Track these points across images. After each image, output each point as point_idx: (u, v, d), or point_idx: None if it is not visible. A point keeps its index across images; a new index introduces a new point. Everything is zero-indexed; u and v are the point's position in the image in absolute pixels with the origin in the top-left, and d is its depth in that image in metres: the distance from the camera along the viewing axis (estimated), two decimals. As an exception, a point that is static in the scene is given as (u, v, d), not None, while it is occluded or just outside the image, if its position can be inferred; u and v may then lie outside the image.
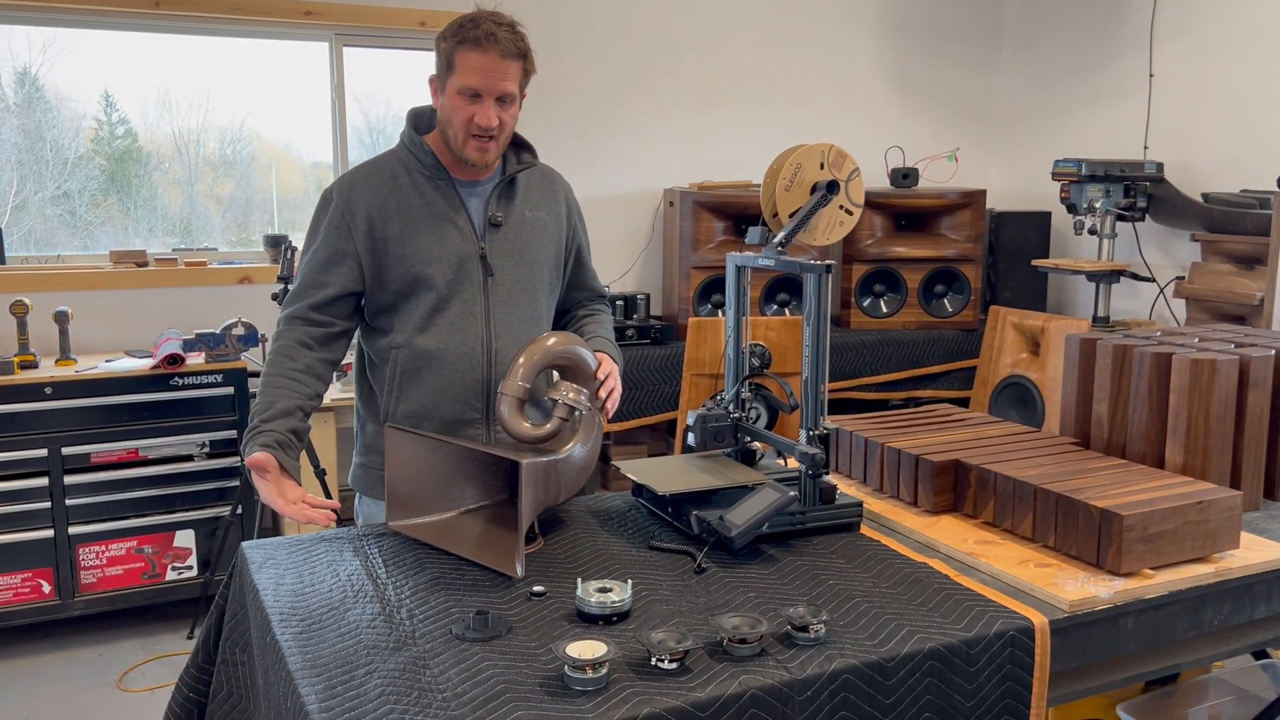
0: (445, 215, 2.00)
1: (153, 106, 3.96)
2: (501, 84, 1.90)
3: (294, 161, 4.22)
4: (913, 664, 1.40)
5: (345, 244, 1.97)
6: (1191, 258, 4.11)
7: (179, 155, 4.04)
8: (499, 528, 1.78)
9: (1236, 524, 1.70)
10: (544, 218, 2.09)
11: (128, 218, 3.99)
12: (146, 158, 4.00)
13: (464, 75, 1.89)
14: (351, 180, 2.01)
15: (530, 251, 2.06)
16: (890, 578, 1.63)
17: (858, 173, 1.98)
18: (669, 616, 1.49)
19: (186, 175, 4.07)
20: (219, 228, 4.13)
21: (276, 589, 1.61)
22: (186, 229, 4.08)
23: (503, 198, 2.05)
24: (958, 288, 4.45)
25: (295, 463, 1.87)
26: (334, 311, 1.98)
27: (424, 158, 2.01)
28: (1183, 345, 2.04)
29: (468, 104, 1.90)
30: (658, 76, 4.51)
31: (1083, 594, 1.55)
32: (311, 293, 1.97)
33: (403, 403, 2.01)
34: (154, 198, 4.03)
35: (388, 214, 1.98)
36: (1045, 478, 1.78)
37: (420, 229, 1.98)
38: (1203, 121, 4.18)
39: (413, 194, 1.99)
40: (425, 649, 1.39)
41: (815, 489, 1.81)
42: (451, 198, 2.01)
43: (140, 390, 3.37)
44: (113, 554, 3.38)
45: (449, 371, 1.96)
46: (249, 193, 4.17)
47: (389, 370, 2.01)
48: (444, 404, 1.99)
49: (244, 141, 4.12)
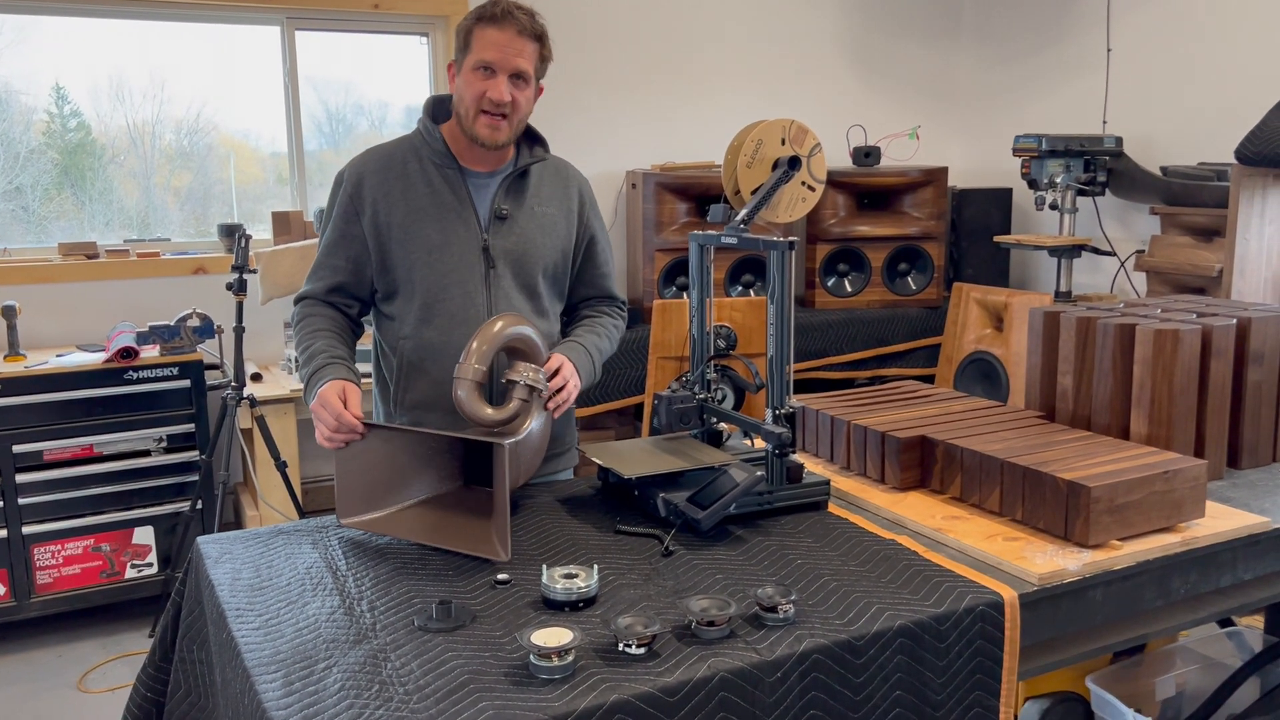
0: (450, 205, 1.98)
1: (105, 98, 3.87)
2: (516, 60, 1.90)
3: (252, 152, 4.15)
4: (883, 642, 1.38)
5: (353, 227, 1.99)
6: (1151, 231, 4.13)
7: (134, 147, 3.95)
8: (462, 515, 1.75)
9: (1201, 493, 1.70)
10: (553, 213, 2.07)
11: (82, 212, 3.90)
12: (100, 150, 3.91)
13: (480, 50, 1.89)
14: (363, 162, 2.01)
15: (535, 246, 2.03)
16: (859, 555, 1.62)
17: (819, 148, 1.95)
18: (636, 601, 1.46)
19: (142, 168, 3.98)
20: (177, 220, 4.05)
21: (233, 584, 1.56)
22: (144, 222, 3.99)
23: (512, 190, 2.03)
24: (921, 265, 4.46)
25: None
26: (346, 293, 2.02)
27: (435, 144, 1.99)
28: (1145, 316, 2.04)
29: (482, 79, 1.90)
30: (617, 57, 4.46)
31: (1051, 566, 1.54)
32: (323, 276, 2.01)
33: (410, 393, 2.02)
34: (109, 191, 3.94)
35: (393, 199, 1.97)
36: (1011, 451, 1.77)
37: (424, 217, 1.97)
38: (1160, 95, 4.20)
39: (420, 181, 1.98)
40: (386, 641, 1.36)
41: (782, 468, 1.79)
42: (459, 188, 1.99)
43: (93, 385, 3.29)
44: (69, 553, 3.31)
45: (452, 363, 1.91)
46: (207, 184, 4.08)
47: (397, 361, 2.02)
48: (448, 395, 1.95)
49: (201, 132, 4.04)
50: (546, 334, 2.02)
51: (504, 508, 1.60)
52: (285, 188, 4.18)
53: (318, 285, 2.03)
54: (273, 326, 3.93)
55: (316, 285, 2.03)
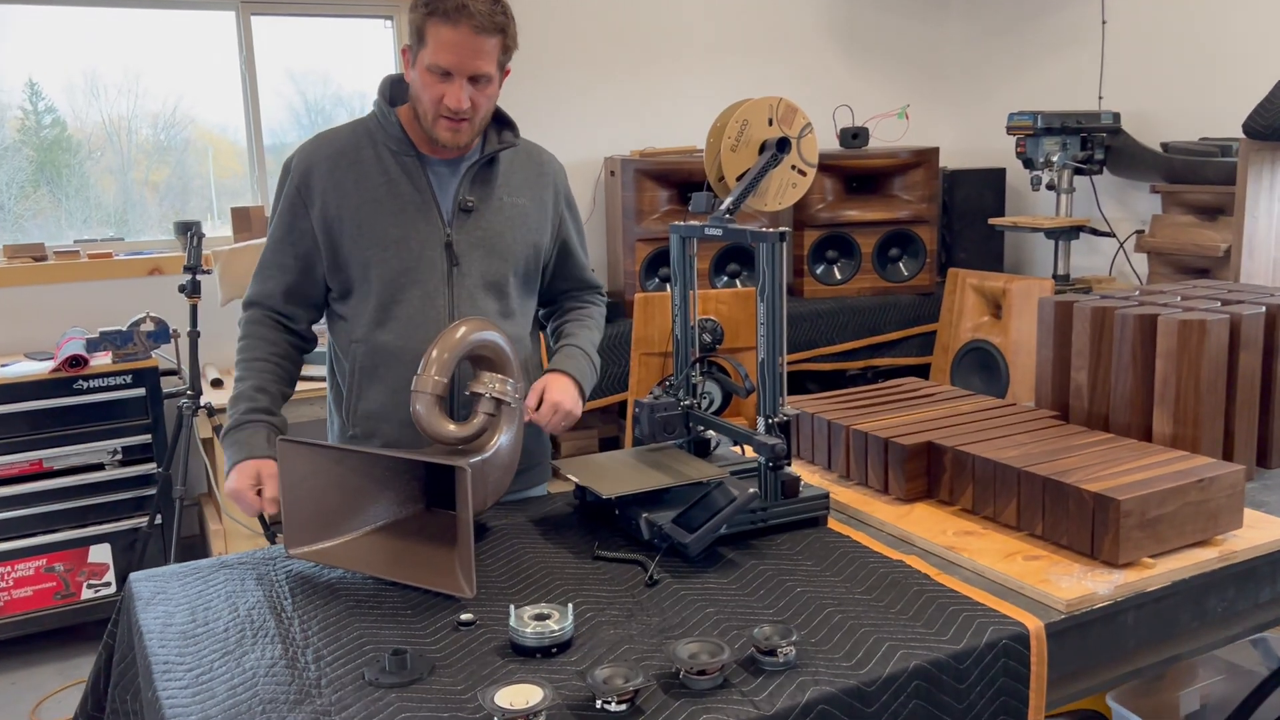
0: (409, 196, 1.79)
1: (80, 94, 3.71)
2: (474, 63, 1.68)
3: (231, 145, 3.98)
4: (896, 686, 1.22)
5: (301, 221, 1.80)
6: (1150, 210, 3.98)
7: (110, 143, 3.78)
8: (425, 543, 1.57)
9: (1239, 502, 1.54)
10: (524, 204, 1.87)
11: (60, 209, 3.72)
12: (77, 146, 3.74)
13: (434, 51, 1.67)
14: (311, 149, 1.81)
15: (503, 241, 1.84)
16: (864, 581, 1.46)
17: (810, 129, 1.78)
18: (617, 644, 1.30)
19: (120, 163, 3.81)
20: (156, 216, 3.89)
21: (163, 632, 1.39)
22: (122, 219, 3.82)
23: (478, 180, 1.83)
24: (913, 250, 4.29)
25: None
26: (299, 300, 1.85)
27: (391, 130, 1.80)
28: (1166, 305, 1.88)
29: (438, 82, 1.69)
30: (591, 37, 4.27)
31: (1080, 591, 1.38)
32: (270, 276, 1.84)
33: (363, 402, 1.84)
34: (86, 188, 3.77)
35: (344, 189, 1.77)
36: (1028, 459, 1.61)
37: (379, 209, 1.77)
38: (1159, 68, 4.04)
39: (375, 170, 1.79)
40: (331, 700, 1.19)
41: (777, 482, 1.62)
42: (418, 177, 1.79)
43: (41, 396, 3.09)
44: (20, 574, 3.12)
45: (409, 370, 1.71)
46: (185, 179, 3.92)
47: (349, 366, 1.84)
48: (405, 405, 1.78)
49: (178, 126, 3.87)
50: (514, 338, 1.83)
51: (468, 539, 1.42)
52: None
53: (265, 287, 1.85)
54: (233, 329, 3.70)
55: (264, 287, 1.85)
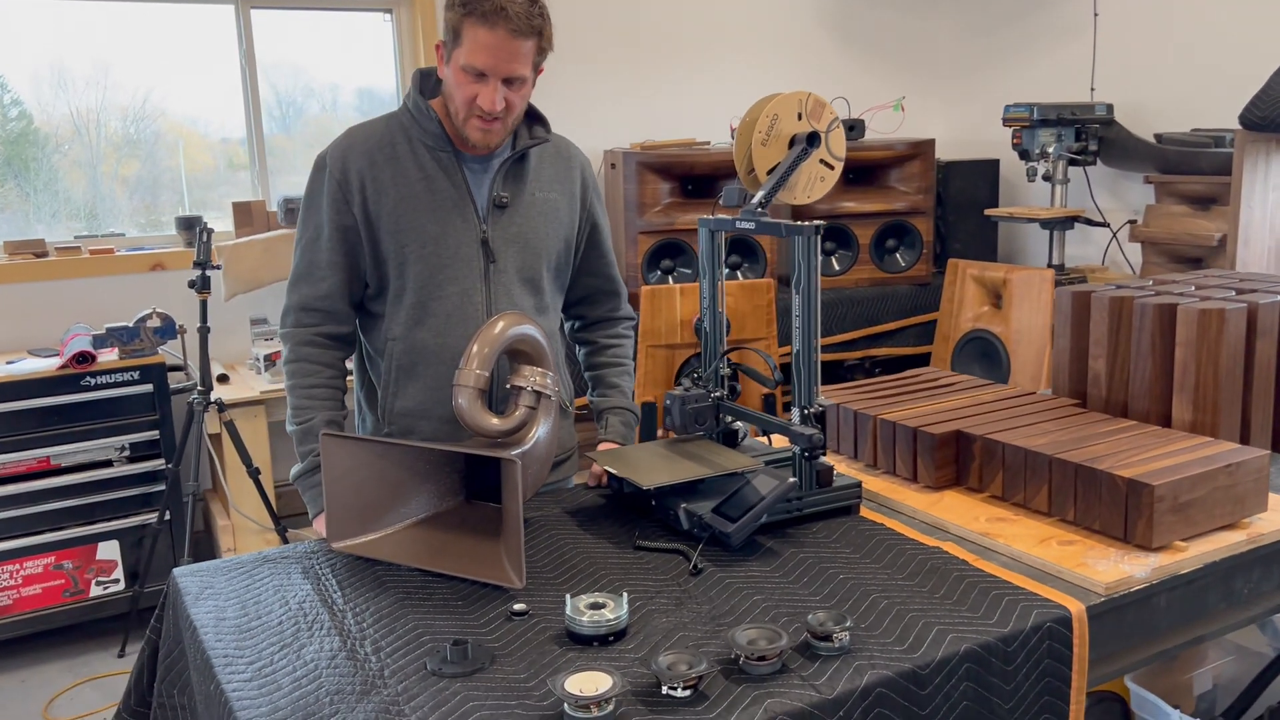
0: (446, 193, 1.79)
1: (47, 86, 3.65)
2: (510, 65, 1.70)
3: (202, 139, 3.94)
4: (949, 669, 1.25)
5: (345, 217, 1.79)
6: (1143, 200, 4.04)
7: (79, 136, 3.73)
8: (467, 535, 1.59)
9: (1264, 485, 1.59)
10: (555, 199, 1.89)
11: (28, 204, 3.68)
12: (44, 140, 3.68)
13: (469, 52, 1.68)
14: (346, 144, 1.80)
15: (537, 236, 1.85)
16: (904, 567, 1.49)
17: (838, 122, 1.81)
18: (672, 631, 1.32)
19: (88, 157, 3.76)
20: (127, 210, 3.84)
21: (218, 625, 1.40)
22: (92, 213, 3.77)
23: (510, 176, 1.84)
24: (909, 241, 4.33)
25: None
26: (350, 298, 1.82)
27: (428, 125, 1.79)
28: (1183, 295, 1.92)
29: (472, 82, 1.70)
30: (592, 31, 4.28)
31: (1117, 574, 1.42)
32: (323, 278, 1.80)
33: (399, 400, 1.84)
34: (55, 181, 3.72)
35: (382, 185, 1.77)
36: (1057, 446, 1.65)
37: (417, 205, 1.77)
38: (1151, 60, 4.10)
39: (411, 165, 1.79)
40: (398, 690, 1.20)
41: (812, 472, 1.65)
42: (454, 173, 1.80)
43: (48, 393, 3.08)
44: (29, 572, 3.10)
45: (447, 368, 1.74)
46: (156, 173, 3.87)
47: (385, 364, 1.84)
48: (444, 402, 1.79)
49: (148, 119, 3.82)
50: (548, 333, 1.85)
51: (517, 530, 1.44)
52: (237, 174, 3.96)
53: (319, 289, 1.80)
54: (238, 323, 3.72)
55: (317, 289, 1.80)
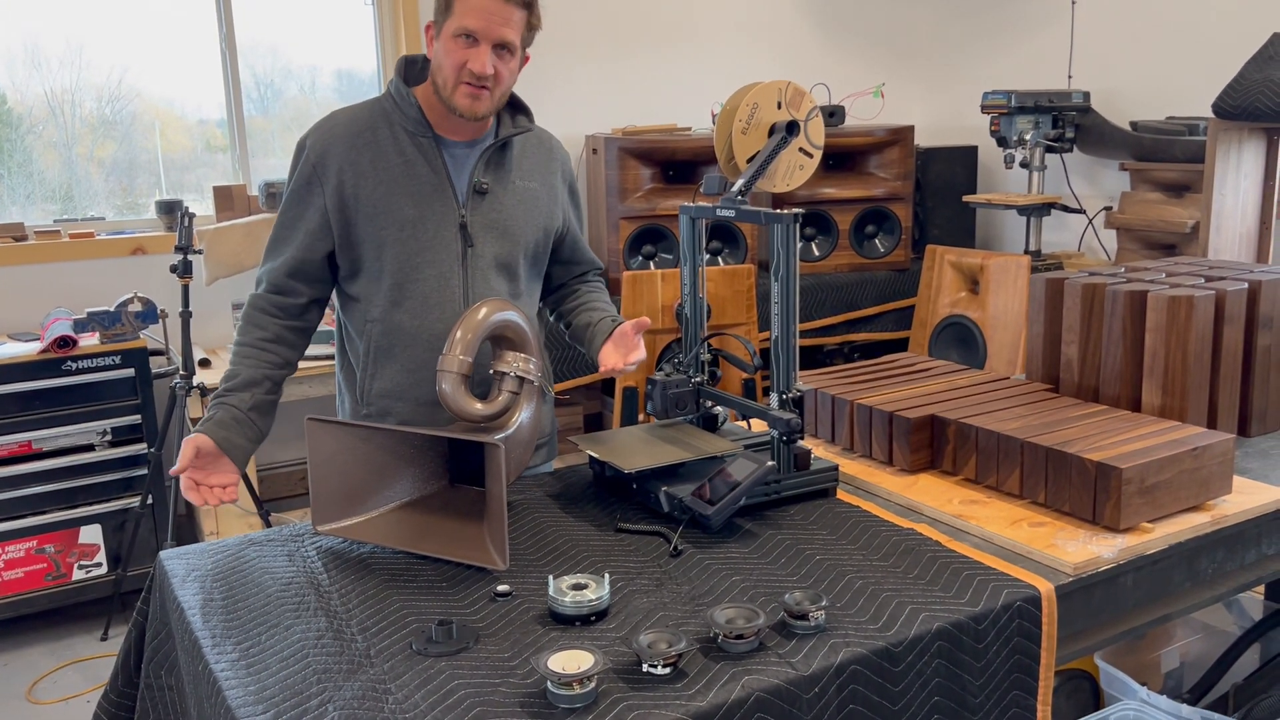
0: (425, 177, 1.82)
1: (20, 65, 3.62)
2: (501, 29, 1.73)
3: (179, 120, 3.92)
4: (921, 647, 1.29)
5: (315, 198, 1.82)
6: (1119, 187, 4.09)
7: (53, 117, 3.70)
8: (450, 518, 1.62)
9: (1229, 469, 1.63)
10: (535, 188, 1.92)
11: (1, 185, 3.64)
12: (18, 121, 3.66)
13: (462, 15, 1.72)
14: (327, 128, 1.84)
15: (516, 224, 1.88)
16: (879, 548, 1.52)
17: (817, 111, 1.83)
18: (652, 611, 1.35)
19: (63, 138, 3.73)
20: (103, 192, 3.82)
21: (205, 607, 1.42)
22: (67, 195, 3.75)
23: (492, 163, 1.87)
24: (888, 227, 4.37)
25: (243, 442, 1.73)
26: (302, 276, 1.84)
27: (409, 111, 1.82)
28: (1153, 282, 1.96)
29: (463, 48, 1.73)
30: (573, 17, 4.28)
31: (1085, 555, 1.46)
32: (280, 252, 1.85)
33: (377, 381, 1.88)
34: (29, 163, 3.69)
35: (361, 170, 1.80)
36: (1029, 430, 1.69)
37: (395, 190, 1.80)
38: (1127, 48, 4.14)
39: (391, 150, 1.82)
40: (384, 670, 1.23)
41: (790, 455, 1.68)
42: (434, 159, 1.83)
43: (29, 377, 3.07)
44: (10, 556, 3.11)
45: (424, 350, 1.80)
46: (132, 154, 3.85)
47: (364, 346, 1.87)
48: (420, 384, 1.83)
49: (124, 100, 3.80)
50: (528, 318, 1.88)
51: (501, 513, 1.47)
52: (215, 156, 3.95)
53: (275, 264, 1.86)
54: (220, 307, 3.72)
55: (274, 264, 1.86)
